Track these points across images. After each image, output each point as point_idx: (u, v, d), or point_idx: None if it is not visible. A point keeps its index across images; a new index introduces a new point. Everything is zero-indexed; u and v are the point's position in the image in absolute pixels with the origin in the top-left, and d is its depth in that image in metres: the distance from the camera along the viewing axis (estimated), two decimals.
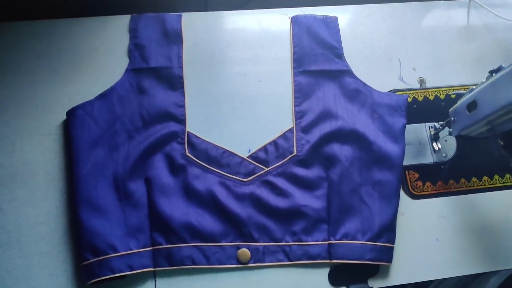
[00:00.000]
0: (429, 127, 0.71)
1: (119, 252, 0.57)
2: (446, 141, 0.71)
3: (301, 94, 0.69)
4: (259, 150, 0.66)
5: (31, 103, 0.66)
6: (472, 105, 0.58)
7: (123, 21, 0.70)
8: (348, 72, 0.70)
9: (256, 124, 0.68)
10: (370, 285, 0.63)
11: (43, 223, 0.61)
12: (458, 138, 0.70)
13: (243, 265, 0.61)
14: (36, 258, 0.60)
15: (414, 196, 0.69)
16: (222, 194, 0.62)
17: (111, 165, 0.61)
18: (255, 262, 0.61)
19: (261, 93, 0.70)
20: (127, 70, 0.66)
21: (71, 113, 0.63)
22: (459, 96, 0.63)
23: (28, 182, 0.62)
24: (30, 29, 0.69)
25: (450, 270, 0.66)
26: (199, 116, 0.67)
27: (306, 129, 0.66)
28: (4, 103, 0.65)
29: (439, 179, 0.69)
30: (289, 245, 0.62)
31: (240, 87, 0.70)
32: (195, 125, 0.66)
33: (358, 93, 0.68)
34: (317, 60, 0.70)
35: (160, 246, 0.59)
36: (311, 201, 0.63)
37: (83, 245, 0.57)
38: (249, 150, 0.66)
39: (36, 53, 0.68)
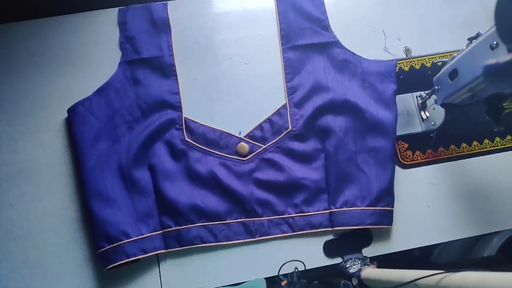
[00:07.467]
0: (416, 96, 0.71)
1: (131, 238, 0.60)
2: (434, 109, 0.70)
3: (291, 70, 0.70)
4: (255, 128, 0.67)
5: (28, 101, 0.67)
6: (453, 73, 0.58)
7: (110, 14, 0.71)
8: (336, 43, 0.70)
9: (244, 106, 0.69)
10: (364, 255, 0.64)
11: (50, 216, 0.64)
12: (445, 105, 0.67)
13: (252, 239, 0.64)
14: (47, 248, 0.63)
15: (404, 166, 0.69)
16: (223, 174, 0.64)
17: (115, 156, 0.62)
18: (261, 236, 0.64)
19: (247, 75, 0.71)
20: (120, 63, 0.67)
21: (72, 110, 0.64)
22: (445, 63, 0.62)
23: (33, 177, 0.64)
24: (19, 29, 0.70)
25: (442, 235, 0.66)
26: (189, 102, 0.68)
27: (299, 104, 0.68)
28: (2, 102, 0.67)
29: (428, 147, 0.69)
30: (292, 217, 0.65)
31: (225, 71, 0.70)
32: (188, 111, 0.67)
33: (347, 63, 0.69)
34: (305, 34, 0.70)
35: (170, 229, 0.62)
36: (309, 173, 0.65)
37: (97, 234, 0.59)
38: (240, 132, 0.67)
39: (28, 52, 0.69)
